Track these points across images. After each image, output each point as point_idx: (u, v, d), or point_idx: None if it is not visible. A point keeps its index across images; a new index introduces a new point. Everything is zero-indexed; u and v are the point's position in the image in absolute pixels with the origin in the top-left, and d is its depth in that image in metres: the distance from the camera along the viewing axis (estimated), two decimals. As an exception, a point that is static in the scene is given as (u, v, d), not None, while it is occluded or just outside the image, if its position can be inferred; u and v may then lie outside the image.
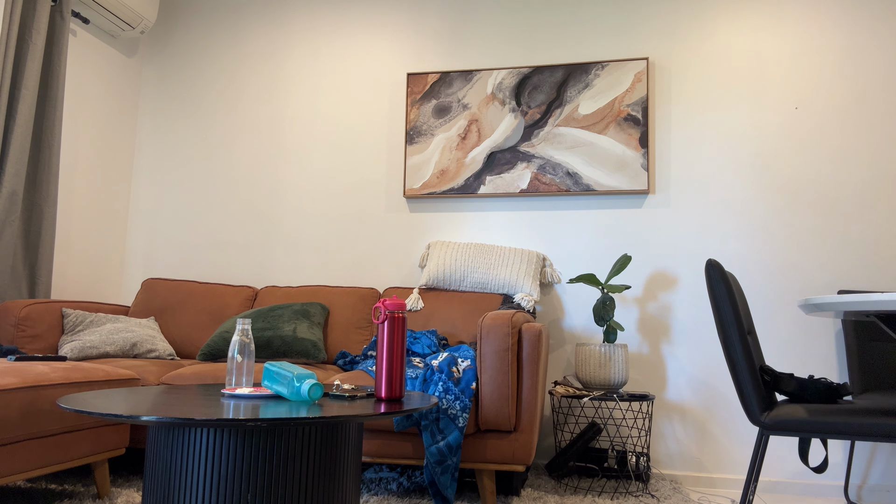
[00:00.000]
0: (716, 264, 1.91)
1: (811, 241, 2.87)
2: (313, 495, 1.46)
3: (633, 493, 2.55)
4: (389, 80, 3.42)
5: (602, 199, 3.10)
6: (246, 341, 1.78)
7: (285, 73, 3.55)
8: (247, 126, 3.56)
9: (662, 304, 2.99)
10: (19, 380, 1.89)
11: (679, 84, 3.08)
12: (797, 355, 2.83)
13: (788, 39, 3.00)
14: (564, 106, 3.14)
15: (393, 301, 1.76)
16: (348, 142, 3.43)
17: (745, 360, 1.87)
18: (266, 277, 3.43)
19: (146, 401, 1.54)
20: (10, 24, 2.77)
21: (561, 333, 3.07)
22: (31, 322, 2.68)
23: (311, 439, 1.47)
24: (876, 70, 2.90)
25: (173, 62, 3.70)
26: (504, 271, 2.92)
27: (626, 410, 2.92)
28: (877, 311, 1.64)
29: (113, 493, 2.33)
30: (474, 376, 2.28)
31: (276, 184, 3.48)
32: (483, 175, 3.19)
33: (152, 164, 3.64)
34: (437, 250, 3.04)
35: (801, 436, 1.80)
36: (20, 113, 2.83)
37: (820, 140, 2.92)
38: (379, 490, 2.50)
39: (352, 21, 3.51)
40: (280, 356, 2.71)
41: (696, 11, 3.10)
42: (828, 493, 2.72)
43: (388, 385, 1.71)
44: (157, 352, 2.86)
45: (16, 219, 2.82)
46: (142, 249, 3.59)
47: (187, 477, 1.41)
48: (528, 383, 2.30)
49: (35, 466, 1.95)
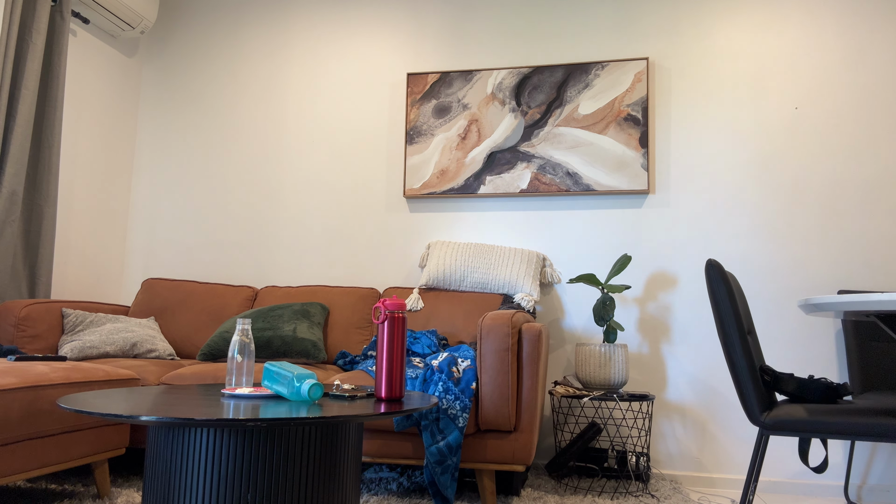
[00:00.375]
0: (716, 264, 1.91)
1: (811, 241, 2.87)
2: (313, 495, 1.46)
3: (633, 493, 2.55)
4: (389, 80, 3.42)
5: (602, 199, 3.10)
6: (246, 341, 1.78)
7: (285, 73, 3.55)
8: (247, 126, 3.56)
9: (662, 304, 2.99)
10: (19, 380, 1.89)
11: (679, 84, 3.08)
12: (797, 355, 2.83)
13: (788, 39, 3.00)
14: (564, 106, 3.14)
15: (393, 301, 1.76)
16: (348, 142, 3.43)
17: (745, 360, 1.87)
18: (266, 277, 3.43)
19: (146, 401, 1.54)
20: (10, 24, 2.77)
21: (561, 333, 3.07)
22: (31, 322, 2.68)
23: (311, 439, 1.47)
24: (876, 70, 2.90)
25: (173, 62, 3.70)
26: (504, 271, 2.92)
27: (626, 410, 2.92)
28: (877, 311, 1.64)
29: (113, 493, 2.33)
30: (474, 376, 2.28)
31: (276, 184, 3.48)
32: (483, 175, 3.19)
33: (152, 164, 3.64)
34: (437, 250, 3.04)
35: (801, 436, 1.80)
36: (20, 113, 2.83)
37: (820, 140, 2.92)
38: (379, 490, 2.50)
39: (352, 21, 3.51)
40: (280, 356, 2.71)
41: (696, 11, 3.10)
42: (828, 493, 2.72)
43: (388, 385, 1.71)
44: (157, 352, 2.86)
45: (16, 219, 2.82)
46: (142, 249, 3.59)
47: (187, 477, 1.41)
48: (528, 383, 2.31)
49: (35, 466, 1.95)
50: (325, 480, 1.49)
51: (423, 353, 2.61)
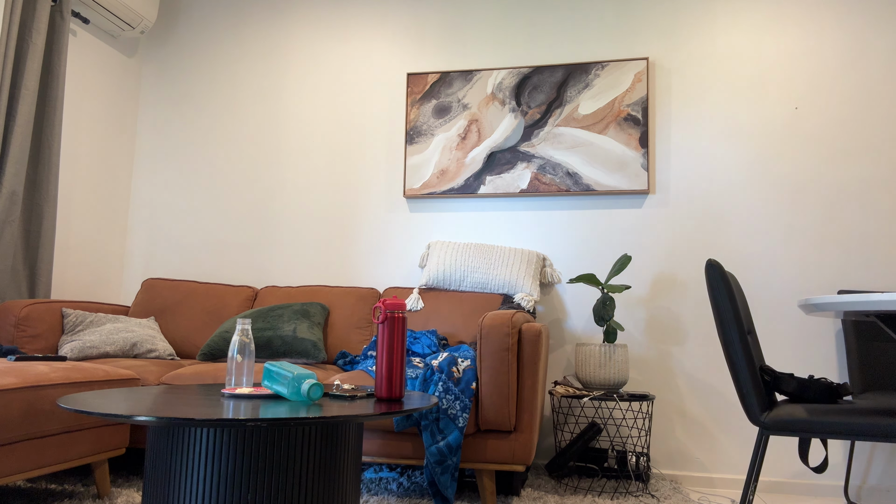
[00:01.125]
0: (716, 264, 1.91)
1: (811, 241, 2.87)
2: (313, 495, 1.46)
3: (633, 493, 2.55)
4: (389, 80, 3.42)
5: (602, 199, 3.10)
6: (246, 341, 1.78)
7: (285, 73, 3.55)
8: (247, 126, 3.56)
9: (662, 304, 2.99)
10: (19, 380, 1.89)
11: (679, 84, 3.08)
12: (797, 355, 2.83)
13: (789, 39, 3.00)
14: (564, 106, 3.14)
15: (393, 301, 1.76)
16: (348, 142, 3.43)
17: (745, 360, 1.87)
18: (266, 277, 3.43)
19: (146, 401, 1.54)
20: (10, 24, 2.77)
21: (561, 333, 3.07)
22: (31, 322, 2.68)
23: (311, 439, 1.47)
24: (876, 70, 2.89)
25: (173, 62, 3.70)
26: (504, 271, 2.92)
27: (626, 410, 2.92)
28: (877, 311, 1.64)
29: (113, 493, 2.33)
30: (474, 376, 2.28)
31: (275, 184, 3.48)
32: (483, 175, 3.18)
33: (152, 164, 3.64)
34: (437, 250, 3.04)
35: (801, 436, 1.80)
36: (20, 113, 2.83)
37: (820, 140, 2.92)
38: (379, 490, 2.50)
39: (352, 21, 3.51)
40: (280, 356, 2.71)
41: (696, 11, 3.10)
42: (828, 493, 2.72)
43: (388, 385, 1.71)
44: (157, 352, 2.86)
45: (16, 219, 2.82)
46: (142, 249, 3.59)
47: (187, 477, 1.41)
48: (528, 383, 2.30)
49: (35, 466, 1.95)
50: (325, 480, 1.49)
51: (423, 353, 2.61)
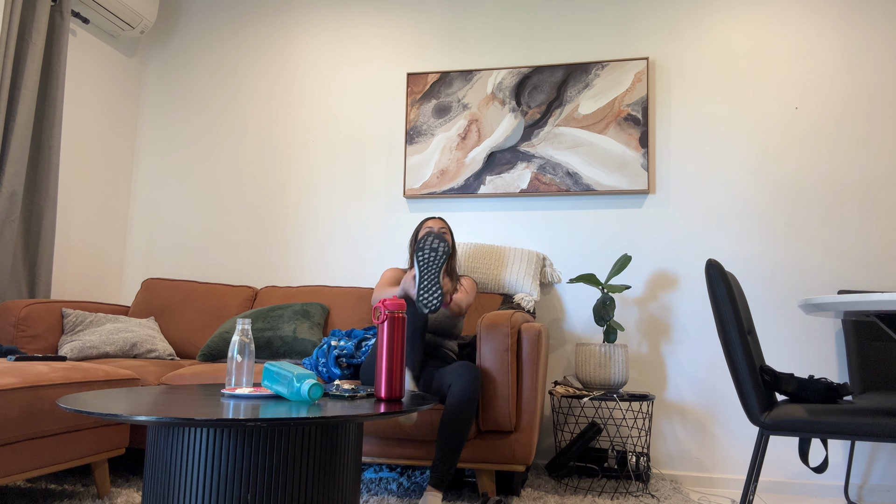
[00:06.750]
0: (716, 264, 1.91)
1: (811, 241, 2.87)
2: (313, 495, 1.46)
3: (633, 494, 2.55)
4: (389, 80, 3.42)
5: (602, 199, 3.10)
6: (246, 341, 1.78)
7: (285, 74, 3.55)
8: (246, 126, 3.56)
9: (662, 304, 2.98)
10: (19, 380, 1.89)
11: (679, 84, 3.08)
12: (797, 355, 2.83)
13: (788, 39, 2.99)
14: (564, 106, 3.14)
15: (393, 301, 1.76)
16: (348, 141, 3.43)
17: (745, 360, 1.87)
18: (266, 277, 3.43)
19: (146, 401, 1.54)
20: (10, 24, 2.77)
21: (561, 333, 3.07)
22: (31, 322, 2.68)
23: (311, 439, 1.47)
24: (876, 70, 2.89)
25: (173, 62, 3.70)
26: (504, 271, 2.92)
27: (626, 410, 2.92)
28: (877, 311, 1.64)
29: (113, 493, 2.33)
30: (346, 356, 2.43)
31: (275, 184, 3.48)
32: (483, 175, 3.18)
33: (152, 164, 3.64)
34: (437, 250, 3.03)
35: (801, 436, 1.80)
36: (20, 113, 2.83)
37: (820, 140, 2.92)
38: (379, 490, 2.50)
39: (352, 21, 3.51)
40: (280, 356, 2.71)
41: (696, 11, 3.10)
42: (828, 493, 2.72)
43: (387, 385, 1.71)
44: (156, 352, 2.86)
45: (16, 219, 2.82)
46: (142, 249, 3.59)
47: (187, 477, 1.41)
48: (528, 383, 2.30)
49: (35, 466, 1.95)
50: (325, 480, 1.49)
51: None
